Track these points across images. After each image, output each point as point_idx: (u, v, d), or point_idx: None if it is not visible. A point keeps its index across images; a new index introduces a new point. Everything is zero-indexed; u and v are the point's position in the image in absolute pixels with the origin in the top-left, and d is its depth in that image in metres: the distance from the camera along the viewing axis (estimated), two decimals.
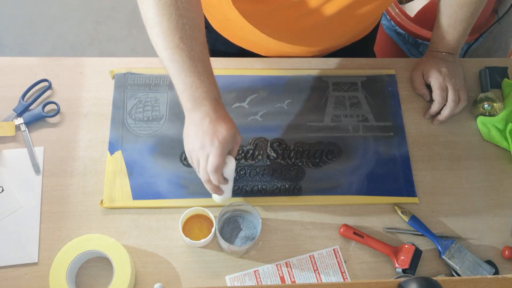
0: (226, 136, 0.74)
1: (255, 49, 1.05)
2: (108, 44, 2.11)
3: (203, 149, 0.74)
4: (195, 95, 0.74)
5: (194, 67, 0.74)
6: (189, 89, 0.74)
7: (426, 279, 0.60)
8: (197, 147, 0.75)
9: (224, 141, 0.74)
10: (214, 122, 0.74)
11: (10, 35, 2.11)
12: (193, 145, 0.76)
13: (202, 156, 0.75)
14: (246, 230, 0.84)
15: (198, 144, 0.75)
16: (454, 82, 0.97)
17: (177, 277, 0.82)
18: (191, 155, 0.77)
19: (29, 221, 0.85)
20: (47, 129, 0.94)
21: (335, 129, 0.97)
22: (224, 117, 0.76)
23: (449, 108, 0.96)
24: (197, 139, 0.75)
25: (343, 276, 0.84)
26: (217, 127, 0.74)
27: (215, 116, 0.75)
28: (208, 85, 0.75)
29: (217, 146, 0.73)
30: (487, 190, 0.93)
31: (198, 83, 0.74)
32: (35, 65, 1.00)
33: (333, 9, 0.87)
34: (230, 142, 0.76)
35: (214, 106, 0.75)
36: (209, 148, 0.74)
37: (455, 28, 0.97)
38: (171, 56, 0.74)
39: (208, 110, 0.75)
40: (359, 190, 0.91)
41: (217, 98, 0.76)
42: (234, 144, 0.78)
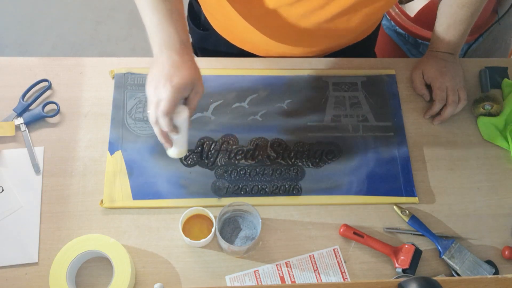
0: (181, 82, 0.72)
1: (255, 50, 1.05)
2: (108, 44, 2.11)
3: (156, 91, 0.72)
4: (163, 37, 0.73)
5: (169, 14, 0.73)
6: (156, 30, 0.73)
7: (426, 279, 0.60)
8: (152, 88, 0.73)
9: (178, 86, 0.72)
10: (174, 66, 0.72)
11: (10, 35, 2.11)
12: (150, 86, 0.74)
13: (153, 97, 0.73)
14: (246, 230, 0.84)
15: (152, 85, 0.73)
16: (454, 82, 0.97)
17: (177, 277, 0.82)
18: (148, 96, 0.75)
19: (29, 221, 0.85)
20: (47, 129, 0.94)
21: (335, 129, 0.97)
22: (187, 63, 0.74)
23: (449, 108, 0.96)
24: (153, 82, 0.73)
25: (343, 276, 0.84)
26: (175, 71, 0.72)
27: (178, 61, 0.73)
28: (176, 27, 0.73)
29: (169, 90, 0.71)
30: (487, 190, 0.93)
31: (165, 23, 0.73)
32: (35, 65, 1.00)
33: (333, 11, 0.87)
34: (186, 89, 0.73)
35: (180, 53, 0.73)
36: (162, 91, 0.72)
37: (455, 29, 0.97)
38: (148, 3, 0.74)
39: (172, 55, 0.73)
40: (359, 190, 0.91)
41: (184, 42, 0.75)
42: (193, 93, 0.75)
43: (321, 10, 0.87)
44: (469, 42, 1.51)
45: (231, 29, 1.02)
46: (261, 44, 1.00)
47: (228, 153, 0.93)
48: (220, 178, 0.90)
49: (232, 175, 0.91)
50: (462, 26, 0.96)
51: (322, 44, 1.01)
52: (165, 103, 0.71)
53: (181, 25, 0.75)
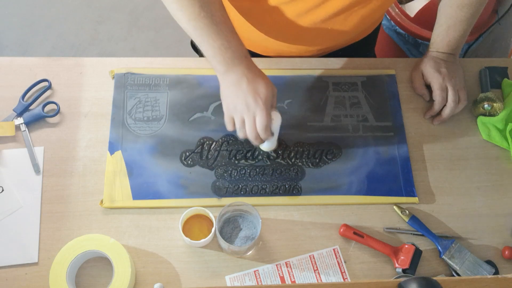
0: (267, 94, 0.78)
1: (254, 48, 1.05)
2: (108, 44, 2.11)
3: (248, 109, 0.78)
4: (226, 57, 0.78)
5: (219, 30, 0.77)
6: (219, 52, 0.78)
7: (426, 279, 0.60)
8: (241, 108, 0.78)
9: (267, 99, 0.78)
10: (252, 81, 0.78)
11: (10, 35, 2.11)
12: (235, 105, 0.79)
13: (248, 115, 0.79)
14: (246, 230, 0.84)
15: (241, 105, 0.78)
16: (454, 82, 0.97)
17: (177, 277, 0.82)
18: (233, 115, 0.81)
19: (29, 221, 0.85)
20: (47, 129, 0.94)
21: (335, 129, 0.97)
22: (259, 74, 0.79)
23: (449, 109, 0.96)
24: (238, 100, 0.78)
25: (343, 276, 0.84)
26: (256, 86, 0.78)
27: (251, 75, 0.78)
28: (236, 45, 0.79)
29: (262, 107, 0.77)
30: (487, 190, 0.93)
31: (226, 44, 0.77)
32: (35, 65, 1.00)
33: (331, 9, 0.87)
34: (271, 97, 0.79)
35: (246, 65, 0.79)
36: (254, 108, 0.78)
37: (455, 29, 0.97)
38: (195, 26, 0.77)
39: (243, 70, 0.78)
40: (359, 190, 0.91)
41: (246, 56, 0.80)
42: (274, 97, 0.81)
43: (317, 9, 0.87)
44: (469, 42, 1.51)
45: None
46: (260, 41, 1.00)
47: (228, 153, 0.93)
48: (220, 178, 0.90)
49: (232, 175, 0.91)
50: (462, 27, 0.96)
51: (319, 44, 1.01)
52: (264, 118, 0.78)
53: (239, 42, 0.80)
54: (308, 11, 0.88)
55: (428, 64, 1.00)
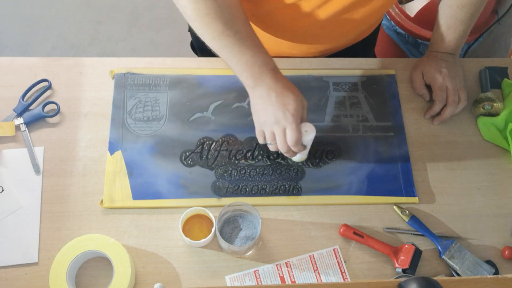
0: (297, 107, 0.78)
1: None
2: (108, 44, 2.11)
3: (278, 123, 0.78)
4: (253, 71, 0.78)
5: (244, 46, 0.77)
6: (246, 67, 0.78)
7: (426, 279, 0.60)
8: (270, 121, 0.79)
9: (296, 113, 0.78)
10: (280, 94, 0.77)
11: (10, 35, 2.11)
12: (265, 119, 0.79)
13: (278, 129, 0.79)
14: (246, 230, 0.84)
15: (271, 119, 0.78)
16: (454, 82, 0.97)
17: (177, 277, 0.82)
18: (263, 128, 0.81)
19: (29, 221, 0.85)
20: (47, 129, 0.94)
21: (335, 129, 0.97)
22: (287, 87, 0.79)
23: (449, 109, 0.96)
24: (268, 114, 0.78)
25: (343, 276, 0.84)
26: (285, 99, 0.77)
27: (279, 88, 0.78)
28: (263, 58, 0.78)
29: (292, 121, 0.77)
30: (487, 190, 0.93)
31: (252, 59, 0.77)
32: (35, 65, 1.00)
33: (330, 11, 0.87)
34: (301, 110, 0.79)
35: (274, 78, 0.78)
36: (284, 122, 0.78)
37: (455, 29, 0.97)
38: (220, 44, 0.78)
39: (271, 83, 0.78)
40: (359, 190, 0.91)
41: (274, 68, 0.80)
42: (304, 108, 0.81)
43: (317, 10, 0.87)
44: (469, 42, 1.51)
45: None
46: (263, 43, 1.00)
47: (228, 153, 0.93)
48: (220, 178, 0.90)
49: (232, 175, 0.91)
50: (462, 27, 0.96)
51: (320, 45, 1.01)
52: (294, 133, 0.78)
53: (266, 54, 0.79)
54: (308, 13, 0.88)
55: (428, 64, 1.00)
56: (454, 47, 0.99)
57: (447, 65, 0.99)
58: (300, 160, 0.92)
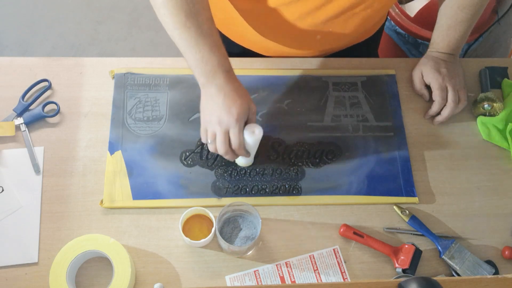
0: (241, 112, 0.78)
1: (255, 48, 1.05)
2: (108, 44, 2.11)
3: (220, 124, 0.78)
4: (206, 69, 0.78)
5: (202, 42, 0.77)
6: (200, 64, 0.78)
7: (426, 279, 0.60)
8: (214, 121, 0.79)
9: (240, 117, 0.78)
10: (228, 96, 0.78)
11: (10, 35, 2.11)
12: (210, 118, 0.80)
13: (220, 130, 0.79)
14: (246, 230, 0.84)
15: (215, 119, 0.79)
16: (454, 82, 0.97)
17: (177, 277, 0.82)
18: (207, 128, 0.81)
19: (29, 221, 0.85)
20: (47, 129, 0.94)
21: (335, 129, 0.97)
22: (237, 90, 0.79)
23: (449, 109, 0.96)
24: (213, 114, 0.79)
25: (343, 276, 0.84)
26: (231, 102, 0.78)
27: (228, 90, 0.78)
28: (218, 58, 0.78)
29: (234, 124, 0.78)
30: (487, 190, 0.93)
31: (207, 57, 0.77)
32: (35, 65, 1.00)
33: (331, 11, 0.87)
34: (245, 115, 0.79)
35: (226, 79, 0.78)
36: (226, 124, 0.78)
37: (456, 30, 0.97)
38: (180, 35, 0.77)
39: (221, 84, 0.78)
40: (359, 190, 0.91)
41: (228, 70, 0.80)
42: (251, 114, 0.81)
43: (318, 11, 0.87)
44: (469, 42, 1.51)
45: (231, 26, 1.02)
46: (260, 42, 1.00)
47: None
48: (220, 178, 0.90)
49: (232, 175, 0.91)
50: (463, 27, 0.96)
51: (320, 46, 1.01)
52: (237, 137, 0.79)
53: (223, 55, 0.80)
54: (309, 13, 0.88)
55: (428, 64, 0.99)
56: (454, 48, 0.99)
57: (447, 65, 0.99)
58: (246, 165, 0.91)
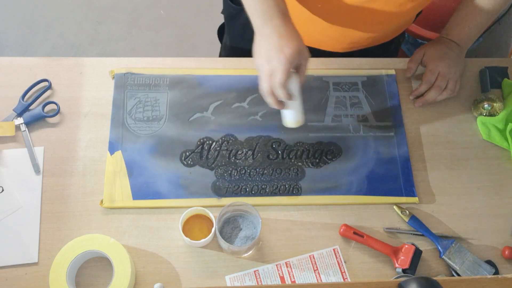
0: (292, 53, 0.75)
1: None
2: (108, 44, 2.11)
3: (269, 63, 0.76)
4: (263, 9, 0.77)
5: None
6: (257, 3, 0.77)
7: (426, 279, 0.60)
8: (264, 59, 0.77)
9: (291, 57, 0.75)
10: (282, 37, 0.76)
11: (10, 35, 2.11)
12: (261, 58, 0.78)
13: (267, 69, 0.77)
14: (246, 230, 0.84)
15: (264, 57, 0.77)
16: (448, 70, 0.97)
17: (177, 277, 0.82)
18: (259, 68, 0.79)
19: (29, 221, 0.85)
20: (47, 129, 0.94)
21: (336, 129, 0.97)
22: (292, 33, 0.77)
23: (432, 92, 0.97)
24: (263, 53, 0.77)
25: (343, 276, 0.84)
26: (285, 42, 0.75)
27: (284, 31, 0.76)
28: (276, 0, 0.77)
29: (283, 62, 0.75)
30: (487, 190, 0.93)
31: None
32: (35, 65, 1.00)
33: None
34: (297, 58, 0.77)
35: (283, 21, 0.77)
36: (275, 63, 0.76)
37: (473, 18, 0.97)
38: None
39: (278, 25, 0.77)
40: (359, 190, 0.91)
41: (285, 12, 0.78)
42: (302, 60, 0.79)
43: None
44: None
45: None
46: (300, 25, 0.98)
47: (228, 153, 0.93)
48: (220, 178, 0.90)
49: (232, 175, 0.91)
50: (479, 18, 0.97)
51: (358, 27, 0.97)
52: (281, 74, 0.75)
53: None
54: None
55: (432, 46, 1.00)
56: (465, 38, 0.99)
57: (450, 53, 0.99)
58: (297, 123, 0.85)
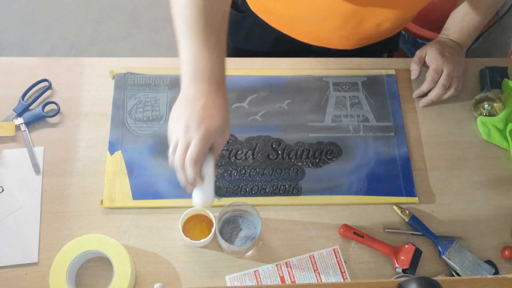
0: (213, 128, 0.68)
1: (293, 33, 1.03)
2: (108, 44, 2.11)
3: (186, 132, 0.67)
4: (198, 67, 0.68)
5: (207, 36, 0.68)
6: (195, 58, 0.68)
7: (426, 279, 0.60)
8: (180, 127, 0.68)
9: (210, 132, 0.68)
10: (207, 107, 0.68)
11: (10, 35, 2.11)
12: (177, 123, 0.69)
13: (183, 138, 0.68)
14: (246, 230, 0.84)
15: (182, 124, 0.68)
16: (451, 69, 0.98)
17: (177, 277, 0.82)
18: (172, 133, 0.70)
19: (29, 221, 0.85)
20: (47, 129, 0.94)
21: (336, 129, 0.97)
22: (220, 106, 0.69)
23: (436, 91, 0.97)
24: (183, 118, 0.68)
25: (343, 276, 0.84)
26: (209, 113, 0.67)
27: (211, 100, 0.68)
28: (217, 62, 0.69)
29: (201, 136, 0.67)
30: (487, 190, 0.93)
31: (206, 54, 0.68)
32: (35, 65, 1.00)
33: None
34: (216, 135, 0.69)
35: (214, 89, 0.69)
36: (193, 133, 0.67)
37: (471, 17, 0.98)
38: (186, 16, 0.68)
39: (207, 91, 0.68)
40: (359, 190, 0.91)
41: (220, 82, 0.70)
42: (221, 139, 0.71)
43: None
44: None
45: (272, 9, 0.99)
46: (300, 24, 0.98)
47: (228, 153, 0.93)
48: (220, 178, 0.90)
49: (232, 175, 0.91)
50: (478, 16, 0.97)
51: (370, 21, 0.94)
52: (196, 150, 0.67)
53: (222, 64, 0.70)
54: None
55: (434, 46, 1.00)
56: (463, 38, 1.00)
57: (451, 52, 0.99)
58: (204, 205, 0.74)
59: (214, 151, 0.72)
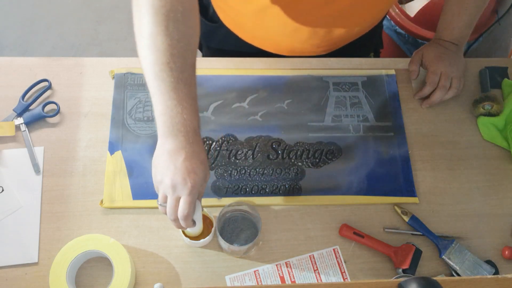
0: (198, 181, 0.70)
1: (265, 46, 1.04)
2: (108, 44, 2.11)
3: (174, 189, 0.70)
4: (174, 121, 0.70)
5: (179, 90, 0.69)
6: (169, 112, 0.69)
7: (426, 279, 0.60)
8: (167, 184, 0.70)
9: (196, 186, 0.70)
10: (189, 159, 0.70)
11: (10, 35, 2.11)
12: (163, 178, 0.71)
13: (171, 195, 0.71)
14: (246, 230, 0.84)
15: (168, 181, 0.70)
16: (450, 69, 0.98)
17: (177, 277, 0.82)
18: (159, 187, 0.72)
19: (29, 221, 0.85)
20: (47, 129, 0.94)
21: (336, 129, 0.97)
22: (199, 154, 0.71)
23: (438, 92, 0.97)
24: (168, 174, 0.70)
25: (343, 276, 0.84)
26: (191, 165, 0.70)
27: (191, 152, 0.70)
28: (190, 113, 0.70)
29: (188, 192, 0.69)
30: (487, 190, 0.93)
31: (180, 108, 0.69)
32: (35, 65, 1.00)
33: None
34: (202, 183, 0.72)
35: (191, 139, 0.71)
36: (181, 190, 0.70)
37: (460, 18, 0.98)
38: (157, 73, 0.69)
39: (185, 143, 0.70)
40: (359, 190, 0.91)
41: (195, 129, 0.72)
42: (204, 183, 0.73)
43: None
44: (469, 42, 1.51)
45: (242, 24, 1.00)
46: (272, 38, 0.98)
47: (228, 153, 0.93)
48: (220, 178, 0.90)
49: (232, 175, 0.91)
50: (467, 16, 0.97)
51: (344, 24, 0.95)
52: (188, 206, 0.69)
53: (195, 111, 0.71)
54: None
55: (429, 49, 1.01)
56: (457, 37, 1.00)
57: (448, 52, 0.99)
58: (194, 235, 0.81)
59: (199, 196, 0.74)
